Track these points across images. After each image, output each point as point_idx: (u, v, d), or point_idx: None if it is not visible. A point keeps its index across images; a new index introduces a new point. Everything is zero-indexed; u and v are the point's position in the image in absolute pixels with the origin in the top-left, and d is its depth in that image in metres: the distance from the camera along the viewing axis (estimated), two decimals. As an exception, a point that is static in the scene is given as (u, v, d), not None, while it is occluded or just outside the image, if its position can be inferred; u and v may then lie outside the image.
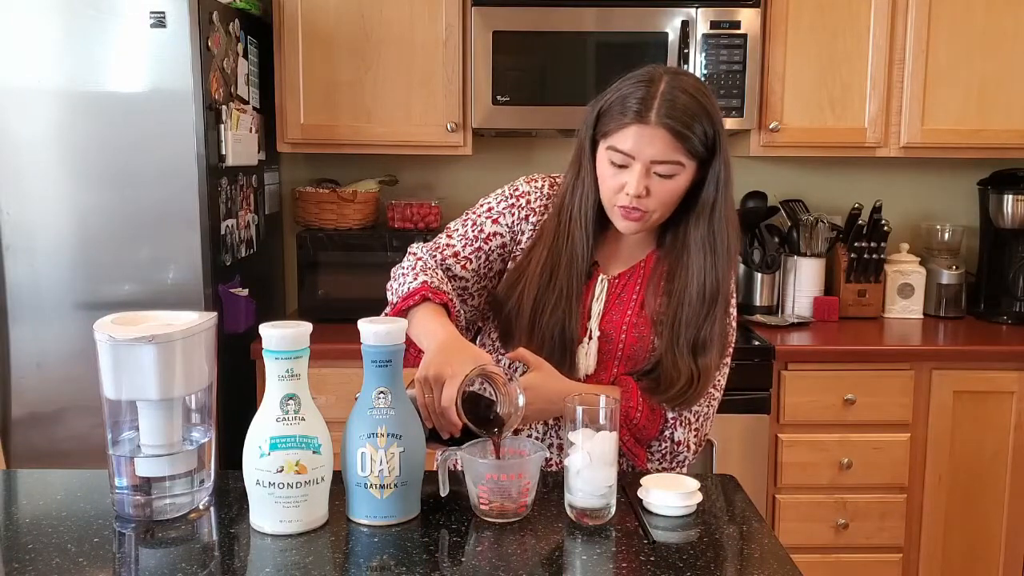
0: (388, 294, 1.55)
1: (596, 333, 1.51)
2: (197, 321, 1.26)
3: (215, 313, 1.32)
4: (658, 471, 1.53)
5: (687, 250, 1.48)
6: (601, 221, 1.52)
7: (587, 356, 1.51)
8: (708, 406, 1.56)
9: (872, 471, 2.61)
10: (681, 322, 1.47)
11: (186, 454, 1.28)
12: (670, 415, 1.52)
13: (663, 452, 1.54)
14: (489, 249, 1.56)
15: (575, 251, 1.50)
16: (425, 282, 1.47)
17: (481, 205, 1.60)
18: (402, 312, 1.44)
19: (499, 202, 1.59)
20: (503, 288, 1.56)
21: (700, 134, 1.39)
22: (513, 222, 1.57)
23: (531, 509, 1.27)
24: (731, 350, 1.58)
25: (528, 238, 1.55)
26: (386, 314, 1.49)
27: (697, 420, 1.54)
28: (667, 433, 1.52)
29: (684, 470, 1.55)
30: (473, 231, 1.57)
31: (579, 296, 1.50)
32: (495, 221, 1.57)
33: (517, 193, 1.58)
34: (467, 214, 1.60)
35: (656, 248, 1.55)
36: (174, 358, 1.23)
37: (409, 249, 1.61)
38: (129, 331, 1.22)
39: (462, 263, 1.55)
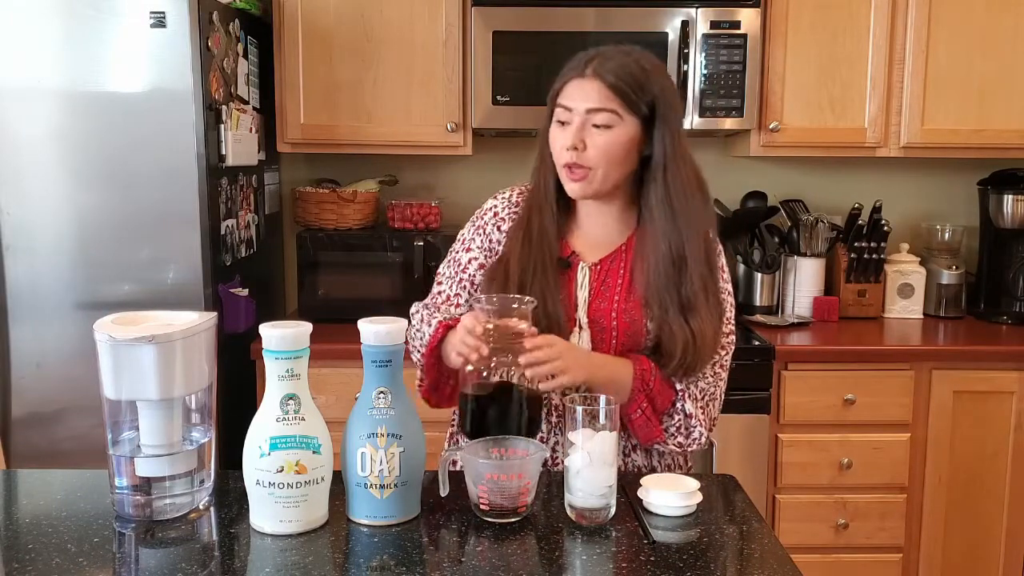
0: (412, 355, 1.56)
1: (585, 322, 1.51)
2: (197, 321, 1.26)
3: (215, 313, 1.32)
4: (677, 447, 1.52)
5: (651, 214, 1.51)
6: (571, 206, 1.57)
7: (579, 346, 1.51)
8: (714, 386, 1.55)
9: (872, 471, 2.61)
10: (661, 288, 1.49)
11: (186, 454, 1.28)
12: (678, 386, 1.51)
13: (677, 426, 1.52)
14: (471, 275, 1.61)
15: (543, 229, 1.53)
16: (440, 321, 1.51)
17: (458, 240, 1.67)
18: (434, 352, 1.49)
19: (469, 230, 1.66)
20: (484, 280, 1.58)
21: (635, 89, 1.45)
22: (483, 241, 1.62)
23: (531, 509, 1.27)
24: (732, 327, 1.57)
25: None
26: (420, 365, 1.55)
27: (704, 398, 1.54)
28: (678, 405, 1.52)
29: (700, 447, 1.54)
30: (455, 268, 1.64)
31: (555, 270, 1.51)
32: (468, 249, 1.63)
33: (482, 212, 1.65)
34: (450, 252, 1.67)
35: (635, 229, 1.57)
36: (174, 358, 1.23)
37: (410, 312, 1.64)
38: (129, 331, 1.22)
39: (455, 303, 1.59)
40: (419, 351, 1.55)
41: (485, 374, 1.41)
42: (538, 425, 1.45)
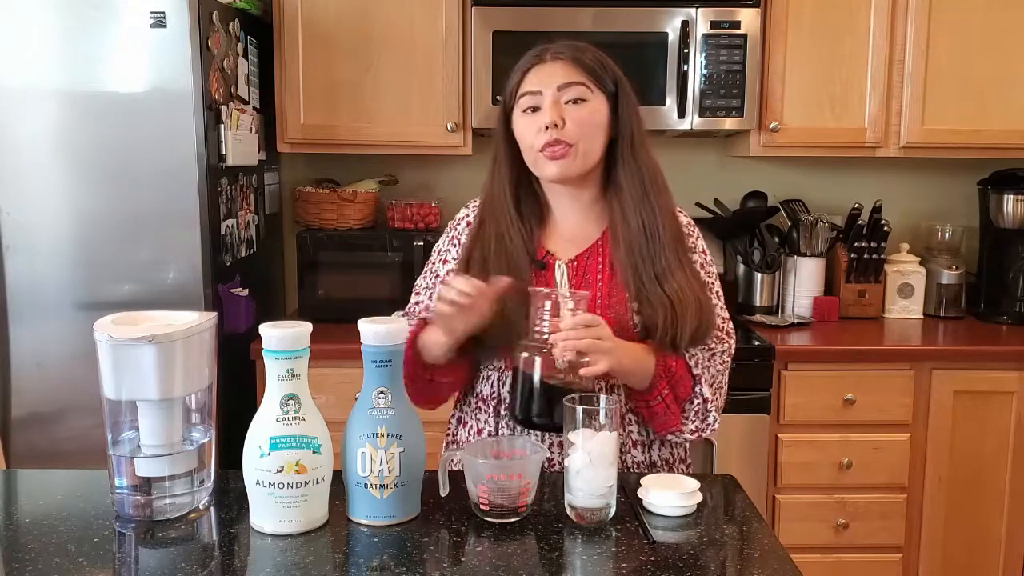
0: None
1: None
2: (197, 321, 1.26)
3: (215, 313, 1.32)
4: (692, 433, 1.52)
5: (621, 191, 1.51)
6: (538, 206, 1.56)
7: None
8: (723, 374, 1.55)
9: (872, 471, 2.61)
10: (637, 263, 1.48)
11: (186, 454, 1.28)
12: (695, 371, 1.51)
13: (696, 410, 1.52)
14: None
15: (502, 232, 1.52)
16: (419, 319, 1.54)
17: (434, 251, 1.66)
18: (412, 344, 1.48)
19: (444, 241, 1.66)
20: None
21: (597, 65, 1.48)
22: (458, 252, 1.61)
23: (531, 509, 1.27)
24: (727, 315, 1.58)
25: None
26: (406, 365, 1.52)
27: (714, 385, 1.54)
28: (696, 390, 1.51)
29: (712, 433, 1.54)
30: (431, 279, 1.63)
31: (517, 276, 1.49)
32: (445, 260, 1.63)
33: (455, 222, 1.65)
34: (427, 264, 1.67)
35: (609, 223, 1.56)
36: (174, 358, 1.23)
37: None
38: (129, 331, 1.22)
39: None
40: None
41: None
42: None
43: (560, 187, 1.55)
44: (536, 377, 1.37)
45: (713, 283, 1.58)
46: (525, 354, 1.38)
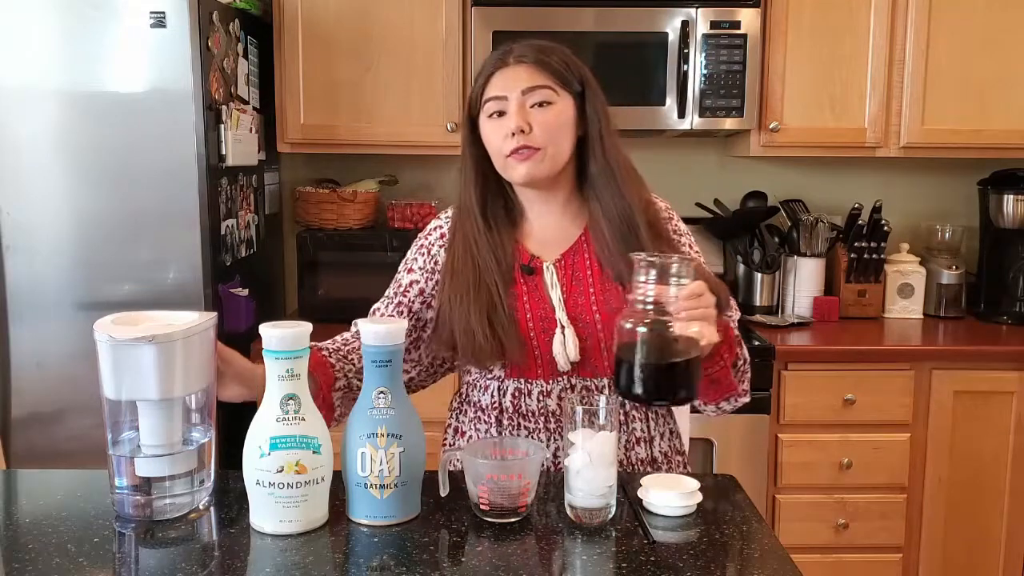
0: None
1: (565, 320, 1.49)
2: (197, 321, 1.26)
3: (215, 313, 1.32)
4: (744, 394, 1.53)
5: (594, 187, 1.51)
6: (511, 210, 1.55)
7: (564, 347, 1.48)
8: (743, 358, 1.54)
9: (872, 471, 2.61)
10: (617, 251, 1.47)
11: (186, 454, 1.28)
12: (736, 332, 1.50)
13: (741, 371, 1.52)
14: (409, 300, 1.58)
15: (468, 240, 1.51)
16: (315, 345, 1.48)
17: (403, 262, 1.63)
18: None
19: (412, 251, 1.63)
20: (430, 342, 1.57)
21: (562, 65, 1.47)
22: (426, 262, 1.59)
23: (531, 509, 1.27)
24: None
25: None
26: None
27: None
28: (739, 351, 1.51)
29: (746, 399, 1.55)
30: (394, 288, 1.61)
31: (488, 284, 1.49)
32: (410, 270, 1.60)
33: (426, 232, 1.63)
34: (395, 275, 1.63)
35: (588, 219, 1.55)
36: (174, 358, 1.23)
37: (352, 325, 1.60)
38: (129, 331, 1.22)
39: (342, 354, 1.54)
40: None
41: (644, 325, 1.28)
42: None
43: (532, 190, 1.54)
44: (651, 351, 1.28)
45: (704, 264, 1.55)
46: (642, 328, 1.27)
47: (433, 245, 1.60)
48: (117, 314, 1.28)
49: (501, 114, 1.46)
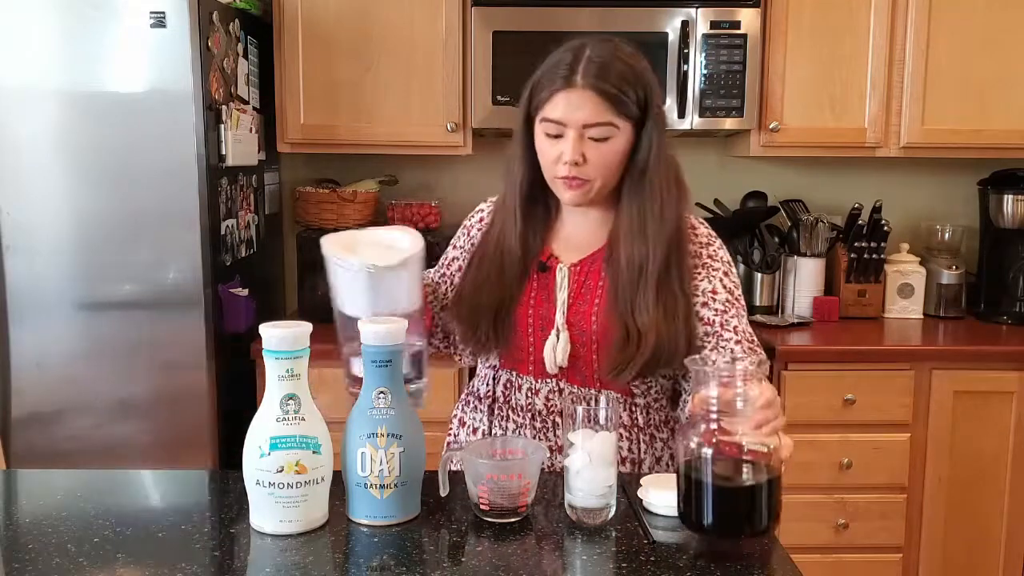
0: None
1: (563, 324, 1.49)
2: (419, 240, 1.38)
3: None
4: None
5: (620, 216, 1.49)
6: (547, 208, 1.55)
7: (556, 350, 1.48)
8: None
9: (872, 471, 2.61)
10: (617, 288, 1.46)
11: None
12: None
13: None
14: (451, 274, 1.65)
15: (504, 227, 1.53)
16: None
17: (455, 235, 1.69)
18: None
19: (459, 230, 1.69)
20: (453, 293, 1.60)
21: (630, 94, 1.41)
22: (465, 241, 1.65)
23: (531, 509, 1.27)
24: (745, 316, 1.53)
25: None
26: None
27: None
28: None
29: None
30: (443, 259, 1.69)
31: (509, 275, 1.50)
32: (454, 246, 1.68)
33: (472, 213, 1.68)
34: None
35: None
36: (416, 276, 1.37)
37: None
38: (388, 257, 1.33)
39: (434, 288, 1.63)
40: None
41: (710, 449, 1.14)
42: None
43: None
44: (716, 473, 1.14)
45: (738, 297, 1.54)
46: (707, 449, 1.14)
47: (473, 227, 1.65)
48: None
49: (558, 136, 1.44)
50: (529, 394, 1.53)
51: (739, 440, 1.14)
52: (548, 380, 1.52)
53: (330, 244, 1.42)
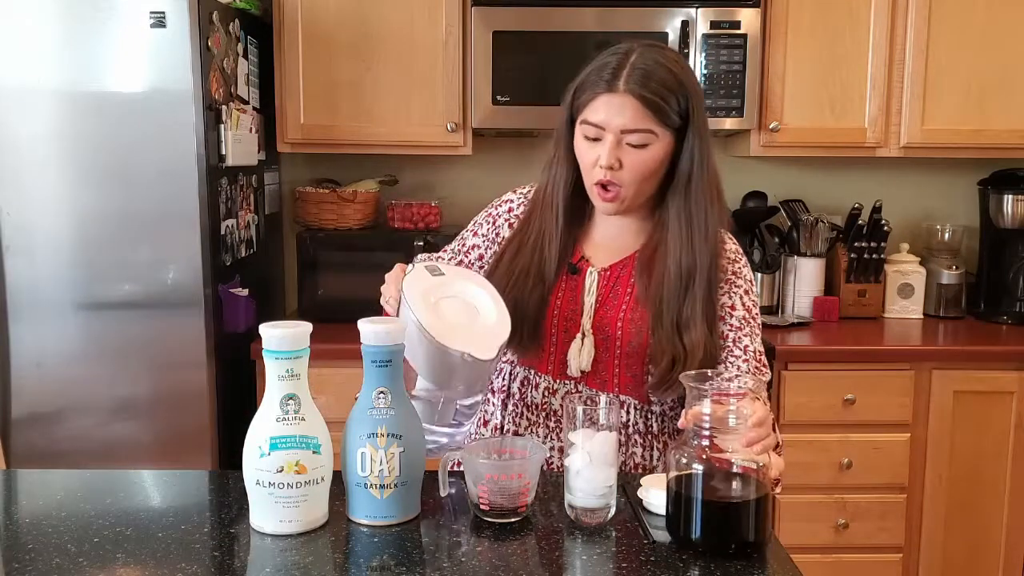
0: None
1: (589, 328, 1.49)
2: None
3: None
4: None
5: (665, 226, 1.48)
6: (584, 210, 1.54)
7: (581, 353, 1.49)
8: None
9: (872, 471, 2.61)
10: (662, 301, 1.46)
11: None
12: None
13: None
14: (469, 262, 1.61)
15: (543, 228, 1.51)
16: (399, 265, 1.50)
17: (473, 221, 1.66)
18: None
19: (482, 215, 1.65)
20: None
21: (671, 103, 1.40)
22: (490, 230, 1.61)
23: (531, 509, 1.27)
24: (759, 336, 1.53)
25: None
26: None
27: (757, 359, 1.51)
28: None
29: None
30: (459, 245, 1.64)
31: (539, 274, 1.49)
32: (475, 233, 1.64)
33: (498, 202, 1.64)
34: (462, 231, 1.67)
35: (649, 236, 1.54)
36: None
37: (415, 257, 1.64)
38: (485, 351, 1.30)
39: None
40: None
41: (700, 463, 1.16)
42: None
43: None
44: (705, 488, 1.16)
45: (755, 316, 1.54)
46: (697, 466, 1.15)
47: (499, 217, 1.62)
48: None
49: (596, 140, 1.43)
50: (546, 394, 1.53)
51: (730, 457, 1.16)
52: (567, 382, 1.52)
53: (415, 295, 1.33)
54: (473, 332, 1.33)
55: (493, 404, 1.59)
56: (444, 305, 1.35)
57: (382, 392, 1.22)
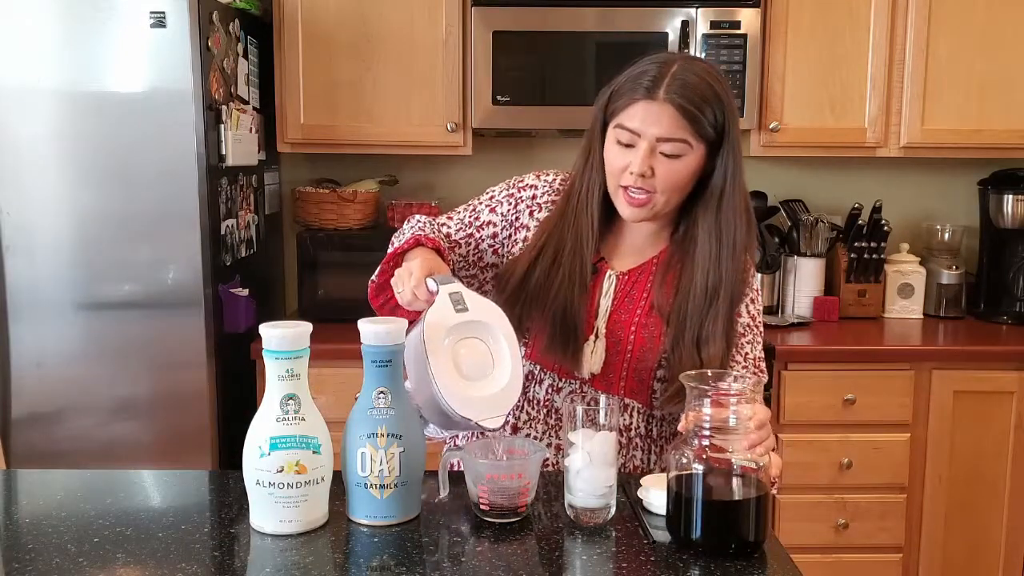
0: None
1: (603, 331, 1.49)
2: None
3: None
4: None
5: (694, 241, 1.47)
6: (610, 212, 1.52)
7: (593, 355, 1.48)
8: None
9: (872, 471, 2.61)
10: (685, 316, 1.45)
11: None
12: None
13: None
14: (480, 237, 1.57)
15: (580, 234, 1.49)
16: (416, 235, 1.47)
17: (485, 193, 1.61)
18: (396, 258, 1.44)
19: (500, 191, 1.60)
20: (505, 271, 1.54)
21: (708, 115, 1.39)
22: (509, 211, 1.57)
23: (531, 509, 1.27)
24: (760, 343, 1.54)
25: (533, 233, 1.55)
26: (380, 268, 1.50)
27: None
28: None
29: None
30: (470, 216, 1.59)
31: (583, 281, 1.48)
32: (492, 210, 1.58)
33: (521, 185, 1.59)
34: (471, 201, 1.62)
35: (669, 243, 1.53)
36: None
37: (408, 217, 1.61)
38: (493, 419, 1.30)
39: (451, 245, 1.55)
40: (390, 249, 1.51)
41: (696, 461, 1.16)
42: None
43: None
44: (705, 487, 1.16)
45: (758, 324, 1.55)
46: (697, 466, 1.16)
47: (521, 202, 1.57)
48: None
49: (629, 145, 1.42)
50: (550, 391, 1.53)
51: (730, 457, 1.17)
52: (572, 381, 1.51)
53: (435, 339, 1.29)
54: (484, 393, 1.31)
55: None
56: (462, 350, 1.32)
57: (382, 392, 1.22)
